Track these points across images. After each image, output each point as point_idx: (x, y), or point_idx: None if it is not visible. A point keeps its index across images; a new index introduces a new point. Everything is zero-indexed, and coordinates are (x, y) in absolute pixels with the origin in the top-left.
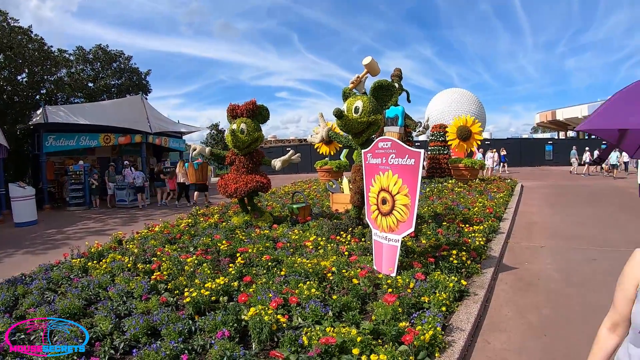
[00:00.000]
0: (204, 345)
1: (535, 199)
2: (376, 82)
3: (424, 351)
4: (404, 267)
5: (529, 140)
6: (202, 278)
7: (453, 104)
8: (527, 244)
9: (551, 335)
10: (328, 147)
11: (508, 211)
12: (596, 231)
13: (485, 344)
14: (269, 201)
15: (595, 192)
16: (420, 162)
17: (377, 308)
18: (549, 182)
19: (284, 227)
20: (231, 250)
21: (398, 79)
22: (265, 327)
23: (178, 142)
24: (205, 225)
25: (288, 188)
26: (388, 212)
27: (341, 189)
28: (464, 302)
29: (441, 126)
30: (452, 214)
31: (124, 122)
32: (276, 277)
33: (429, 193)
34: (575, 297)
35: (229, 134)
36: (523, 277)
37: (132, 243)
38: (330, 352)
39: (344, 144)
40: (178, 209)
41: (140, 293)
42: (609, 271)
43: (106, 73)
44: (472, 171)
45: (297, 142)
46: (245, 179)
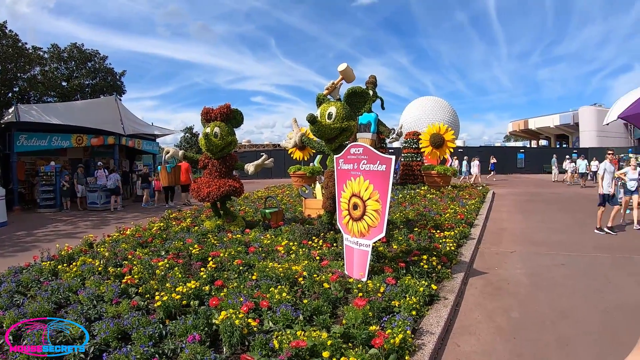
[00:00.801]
0: (175, 349)
1: (506, 205)
2: (350, 89)
3: (394, 354)
4: (375, 271)
5: (501, 148)
6: (173, 282)
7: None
8: (497, 250)
9: (520, 338)
10: (302, 152)
11: (479, 217)
12: (565, 237)
13: (455, 347)
14: (242, 206)
15: (565, 199)
16: (392, 168)
17: (348, 312)
18: (520, 189)
19: (256, 232)
20: (203, 254)
21: (373, 86)
22: (236, 331)
23: (151, 144)
24: (177, 229)
25: (261, 193)
26: (359, 217)
27: (314, 195)
28: (434, 306)
29: (414, 133)
30: (424, 220)
31: (97, 123)
32: (248, 281)
33: (402, 199)
34: (543, 301)
35: (203, 138)
36: (493, 282)
37: (103, 246)
38: (301, 355)
39: (317, 150)
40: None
41: (111, 297)
42: (577, 276)
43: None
44: (445, 178)
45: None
46: (218, 183)
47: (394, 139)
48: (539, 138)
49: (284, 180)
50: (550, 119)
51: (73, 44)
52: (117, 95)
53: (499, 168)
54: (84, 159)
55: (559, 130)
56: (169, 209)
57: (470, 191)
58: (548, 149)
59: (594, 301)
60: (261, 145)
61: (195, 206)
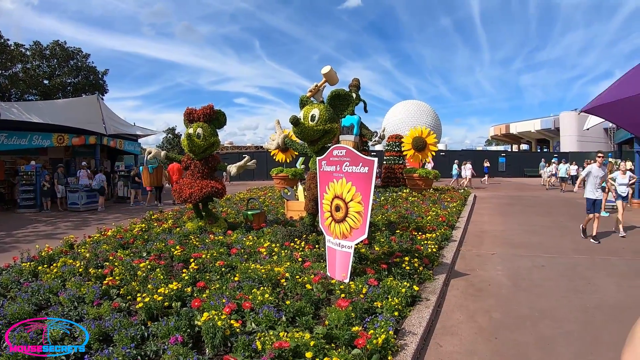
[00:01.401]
0: (157, 351)
1: (488, 208)
2: (333, 91)
3: (377, 354)
4: (357, 273)
5: (483, 152)
6: (155, 283)
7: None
8: (478, 252)
9: (501, 338)
10: (284, 154)
11: (460, 220)
12: (545, 239)
13: (438, 347)
14: (224, 207)
15: (545, 202)
16: (374, 170)
17: (331, 313)
18: (501, 192)
19: (239, 234)
20: (185, 255)
21: (356, 88)
22: (218, 332)
23: (133, 145)
24: (158, 231)
25: (243, 195)
26: (341, 219)
27: (296, 197)
28: (416, 307)
29: (397, 136)
30: (406, 222)
31: (78, 122)
32: (230, 282)
33: (384, 202)
34: (524, 302)
35: (185, 138)
36: (474, 283)
37: (83, 247)
38: (284, 356)
39: (300, 152)
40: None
41: (92, 298)
42: (556, 277)
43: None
44: (427, 181)
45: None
46: (200, 184)
47: (377, 142)
48: (520, 142)
49: (267, 182)
50: (531, 123)
51: (55, 42)
52: (99, 94)
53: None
54: (65, 158)
55: (540, 134)
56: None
57: (452, 194)
58: (529, 153)
59: (574, 301)
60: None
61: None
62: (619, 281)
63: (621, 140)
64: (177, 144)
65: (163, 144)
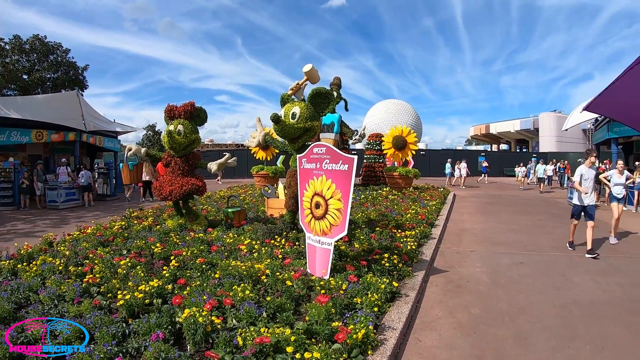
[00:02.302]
0: (139, 348)
1: (467, 207)
2: (314, 90)
3: (357, 349)
4: (337, 270)
5: (463, 151)
6: (135, 281)
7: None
8: (457, 249)
9: (480, 333)
10: (265, 152)
11: (440, 218)
12: (524, 237)
13: (417, 342)
14: (204, 205)
15: (524, 201)
16: (354, 168)
17: (311, 309)
18: (481, 191)
19: (219, 231)
20: (165, 253)
21: (337, 87)
22: (199, 328)
23: (113, 142)
24: (139, 228)
25: (224, 192)
26: (321, 216)
27: (276, 194)
28: (395, 302)
29: (377, 135)
30: (386, 220)
31: (57, 118)
32: (210, 279)
33: (364, 200)
34: (502, 298)
35: (166, 135)
36: (453, 280)
37: (63, 245)
38: (265, 351)
39: (280, 150)
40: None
41: (72, 296)
42: (535, 274)
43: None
44: (407, 179)
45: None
46: (181, 182)
47: (357, 140)
48: (499, 142)
49: (247, 180)
50: (511, 124)
51: (35, 36)
52: (79, 90)
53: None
54: (44, 155)
55: (520, 135)
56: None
57: (432, 192)
58: (508, 153)
59: (552, 297)
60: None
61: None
62: (595, 278)
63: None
64: (158, 141)
65: (143, 141)
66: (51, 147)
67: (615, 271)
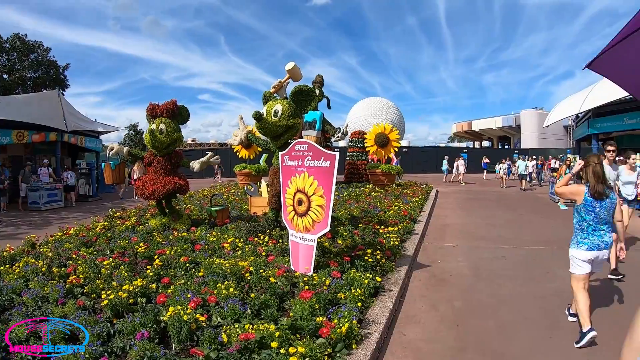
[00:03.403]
0: (124, 347)
1: (450, 203)
2: (296, 87)
3: (341, 343)
4: (320, 266)
5: (445, 148)
6: (119, 280)
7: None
8: (440, 244)
9: (463, 326)
10: (247, 150)
11: (423, 214)
12: (506, 232)
13: (401, 336)
14: (187, 204)
15: (506, 197)
16: (335, 164)
17: (295, 305)
18: (463, 188)
19: (202, 230)
20: (149, 252)
21: (319, 85)
22: (184, 326)
23: (95, 142)
24: (122, 228)
25: (207, 191)
26: (304, 212)
27: (259, 192)
28: (379, 297)
29: (360, 133)
30: (369, 217)
31: (38, 118)
32: (195, 278)
33: (347, 197)
34: (485, 291)
35: (148, 134)
36: (436, 274)
37: (46, 246)
38: (250, 348)
39: (263, 147)
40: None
41: (56, 297)
42: (516, 267)
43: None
44: (389, 177)
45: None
46: (164, 181)
47: (340, 138)
48: (482, 139)
49: (230, 179)
50: (493, 121)
51: (16, 35)
52: (60, 89)
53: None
54: (25, 156)
55: (501, 132)
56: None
57: (414, 189)
58: (490, 150)
59: (533, 289)
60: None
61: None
62: None
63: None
64: (140, 141)
65: (125, 141)
66: (32, 148)
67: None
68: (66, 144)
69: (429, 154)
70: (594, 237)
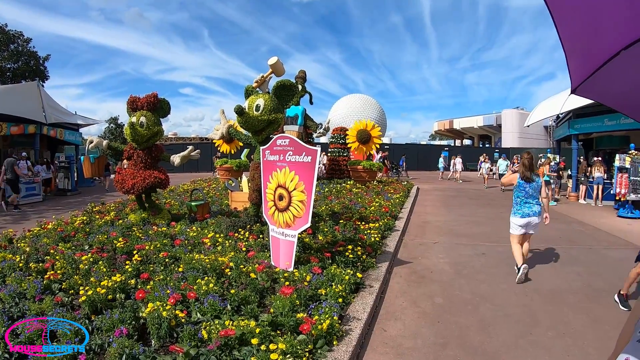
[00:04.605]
0: (102, 345)
1: (431, 200)
2: (279, 82)
3: (322, 339)
4: (301, 262)
5: (427, 146)
6: (98, 276)
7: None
8: (421, 241)
9: (444, 322)
10: (229, 145)
11: (404, 211)
12: (487, 229)
13: (382, 332)
14: (167, 198)
15: (487, 195)
16: (317, 160)
17: (275, 301)
18: (444, 185)
19: (182, 225)
20: (128, 247)
21: (302, 80)
22: (164, 322)
23: (74, 134)
24: (100, 223)
25: (187, 186)
26: (285, 208)
27: (240, 188)
28: (360, 293)
29: (342, 129)
30: (350, 213)
31: (17, 110)
32: (174, 273)
33: (328, 193)
34: (465, 287)
35: (128, 127)
36: (417, 271)
37: (23, 241)
38: (230, 344)
39: (244, 142)
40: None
41: (34, 294)
42: (497, 264)
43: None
44: (370, 173)
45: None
46: (143, 175)
47: (321, 134)
48: (463, 138)
49: (211, 174)
50: (474, 120)
51: None
52: (40, 81)
53: (424, 165)
54: (3, 149)
55: (483, 130)
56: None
57: (395, 186)
58: (471, 148)
59: (513, 286)
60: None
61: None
62: (555, 267)
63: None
64: (120, 134)
65: (105, 134)
66: (11, 140)
67: (574, 261)
68: (45, 137)
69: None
70: (525, 207)
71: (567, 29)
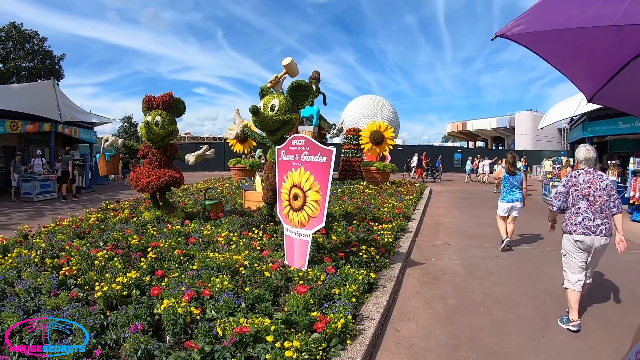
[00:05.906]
0: (117, 340)
1: (443, 202)
2: (293, 82)
3: (336, 338)
4: (315, 261)
5: (440, 148)
6: (113, 272)
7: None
8: (433, 242)
9: (457, 323)
10: (242, 145)
11: (416, 212)
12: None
13: (395, 332)
14: (181, 197)
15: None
16: (332, 160)
17: (290, 299)
18: (456, 187)
19: (196, 223)
20: (142, 245)
21: (316, 81)
22: (179, 319)
23: (89, 133)
24: (115, 220)
25: (201, 185)
26: (299, 207)
27: (254, 187)
28: (373, 293)
29: (355, 130)
30: (363, 214)
31: (33, 108)
32: (189, 271)
33: (341, 194)
34: (478, 289)
35: (143, 126)
36: (430, 272)
37: (38, 237)
38: (245, 341)
39: (259, 142)
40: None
41: (49, 289)
42: (509, 266)
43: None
44: (383, 174)
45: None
46: (158, 173)
47: (335, 135)
48: (476, 140)
49: (224, 173)
50: (487, 121)
51: (12, 23)
52: (55, 80)
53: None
54: (19, 146)
55: (496, 132)
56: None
57: (408, 187)
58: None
59: (526, 288)
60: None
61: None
62: None
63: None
64: (134, 133)
65: (119, 133)
66: (26, 138)
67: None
68: (60, 135)
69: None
70: (509, 195)
71: (562, 66)
